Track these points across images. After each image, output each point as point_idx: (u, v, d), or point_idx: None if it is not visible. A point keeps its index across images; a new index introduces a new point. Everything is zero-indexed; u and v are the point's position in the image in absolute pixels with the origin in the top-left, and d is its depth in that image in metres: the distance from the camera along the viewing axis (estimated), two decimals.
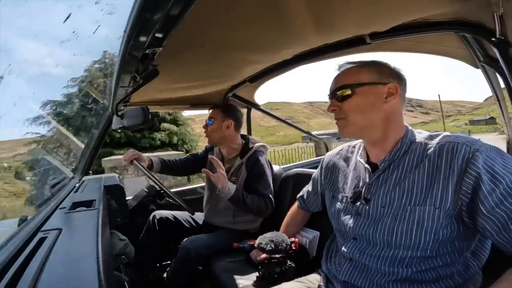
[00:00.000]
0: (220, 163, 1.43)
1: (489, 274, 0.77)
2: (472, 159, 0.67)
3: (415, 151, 0.79)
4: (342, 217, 0.90)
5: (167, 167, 1.82)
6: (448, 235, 0.72)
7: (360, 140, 0.98)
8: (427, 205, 0.72)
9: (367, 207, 0.83)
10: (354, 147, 1.00)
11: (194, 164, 1.90)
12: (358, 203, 0.86)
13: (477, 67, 1.12)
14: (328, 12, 0.88)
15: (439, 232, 0.71)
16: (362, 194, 0.85)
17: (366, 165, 0.87)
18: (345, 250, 0.88)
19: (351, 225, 0.86)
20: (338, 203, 0.94)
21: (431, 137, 0.79)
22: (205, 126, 1.72)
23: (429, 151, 0.76)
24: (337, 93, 0.83)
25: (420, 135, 0.82)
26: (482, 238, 0.76)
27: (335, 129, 0.93)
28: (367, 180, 0.86)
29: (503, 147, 0.78)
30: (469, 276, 0.76)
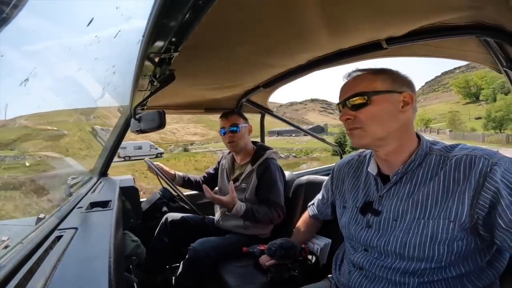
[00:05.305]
0: (211, 193, 1.45)
1: (507, 283, 0.74)
2: (490, 173, 0.65)
3: (429, 164, 0.76)
4: (353, 228, 0.89)
5: (190, 183, 1.89)
6: (464, 247, 0.70)
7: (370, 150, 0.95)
8: (441, 218, 0.70)
9: (378, 219, 0.81)
10: (364, 156, 0.98)
11: (211, 182, 1.93)
12: (368, 215, 0.84)
13: (500, 72, 1.08)
14: (343, 17, 0.87)
15: (453, 244, 0.70)
16: (373, 206, 0.83)
17: (377, 177, 0.85)
18: (356, 260, 0.86)
19: (362, 236, 0.84)
20: (349, 213, 0.92)
21: (447, 149, 0.77)
22: (231, 135, 1.67)
23: (445, 164, 0.73)
24: (350, 100, 0.79)
25: (435, 146, 0.80)
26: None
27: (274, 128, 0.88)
28: (378, 192, 0.84)
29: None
30: (484, 285, 0.73)
